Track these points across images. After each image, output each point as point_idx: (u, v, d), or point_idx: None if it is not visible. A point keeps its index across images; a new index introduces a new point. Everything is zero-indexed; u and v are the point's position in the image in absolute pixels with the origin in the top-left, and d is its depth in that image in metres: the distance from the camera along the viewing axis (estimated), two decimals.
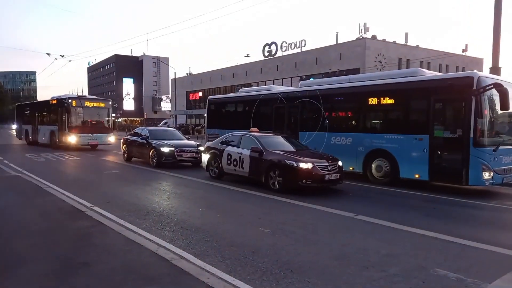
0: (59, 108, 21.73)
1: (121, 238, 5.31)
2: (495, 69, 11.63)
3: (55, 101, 22.67)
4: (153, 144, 14.37)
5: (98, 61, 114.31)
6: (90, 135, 21.09)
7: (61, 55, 29.30)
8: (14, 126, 49.27)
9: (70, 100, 20.96)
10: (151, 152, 14.42)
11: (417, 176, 10.11)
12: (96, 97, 24.26)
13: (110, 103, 23.16)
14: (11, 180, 10.33)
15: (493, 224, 7.00)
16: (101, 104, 22.45)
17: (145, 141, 15.00)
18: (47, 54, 29.14)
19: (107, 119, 22.44)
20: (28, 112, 27.46)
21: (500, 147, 9.29)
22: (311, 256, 4.94)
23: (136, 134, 16.26)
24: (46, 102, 24.38)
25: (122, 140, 17.31)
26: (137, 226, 6.09)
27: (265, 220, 6.77)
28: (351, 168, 11.65)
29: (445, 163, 9.67)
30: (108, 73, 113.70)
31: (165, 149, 13.87)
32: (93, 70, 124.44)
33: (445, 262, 4.72)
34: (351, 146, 11.80)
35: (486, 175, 9.05)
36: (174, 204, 8.04)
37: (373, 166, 11.23)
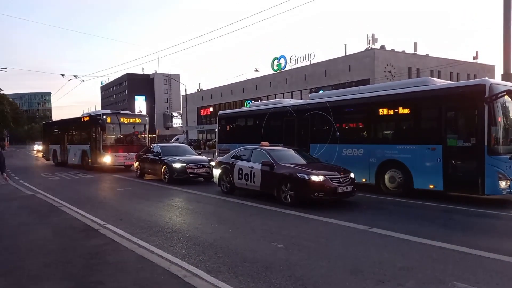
0: (92, 126, 20.12)
1: (133, 255, 5.32)
2: (507, 76, 11.49)
3: (87, 118, 21.18)
4: (165, 161, 14.48)
5: (110, 80, 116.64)
6: (127, 154, 19.28)
7: (74, 76, 29.98)
8: (36, 147, 48.82)
9: (104, 117, 19.36)
10: (163, 169, 14.52)
11: (431, 186, 9.94)
12: (131, 113, 22.86)
13: (146, 118, 21.54)
14: (26, 200, 10.48)
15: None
16: (138, 120, 20.87)
17: (157, 158, 15.13)
18: (61, 75, 29.98)
19: (144, 136, 20.84)
20: (56, 130, 26.05)
21: None
22: (325, 271, 4.86)
23: (148, 151, 16.41)
24: (77, 120, 22.91)
25: (134, 157, 17.48)
26: (150, 243, 6.10)
27: (278, 234, 6.71)
28: (363, 180, 11.52)
29: (460, 173, 9.50)
30: (120, 92, 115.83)
31: (177, 165, 13.95)
32: (106, 89, 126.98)
33: (463, 275, 4.60)
34: (363, 157, 11.70)
35: (503, 183, 8.84)
36: (186, 220, 8.04)
37: (386, 177, 11.09)
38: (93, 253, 5.49)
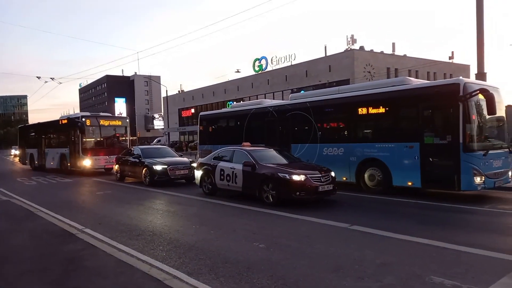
0: (71, 129, 19.57)
1: (112, 260, 5.22)
2: (481, 75, 11.82)
3: (65, 121, 20.59)
4: (146, 163, 14.30)
5: (89, 82, 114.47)
6: (107, 157, 18.75)
7: (51, 78, 29.16)
8: (13, 151, 46.76)
9: (84, 119, 18.89)
10: (143, 171, 14.33)
11: (409, 183, 10.14)
12: (111, 115, 22.40)
13: (127, 120, 21.15)
14: (1, 205, 10.15)
15: (487, 229, 7.00)
16: (118, 122, 20.50)
17: (138, 160, 14.92)
18: (37, 77, 29.07)
19: (124, 138, 20.45)
20: (33, 134, 25.24)
21: (490, 151, 9.36)
22: (306, 270, 4.88)
23: (129, 153, 16.15)
24: (55, 123, 22.25)
25: (114, 160, 17.18)
26: (129, 246, 6.00)
27: (260, 234, 6.71)
28: (344, 178, 11.65)
29: (437, 170, 9.72)
30: (99, 94, 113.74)
31: (158, 167, 13.79)
32: (84, 92, 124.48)
33: (440, 269, 4.70)
34: (343, 156, 11.84)
35: (478, 179, 9.09)
36: (167, 223, 7.95)
37: (366, 175, 11.25)
38: (71, 258, 5.36)
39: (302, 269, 4.91)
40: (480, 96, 9.24)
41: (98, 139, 19.63)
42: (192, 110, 64.99)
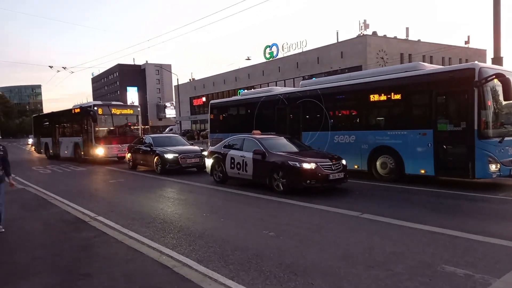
0: (84, 118, 19.78)
1: (123, 247, 5.29)
2: (497, 59, 11.49)
3: (78, 110, 20.79)
4: (157, 151, 14.40)
5: (101, 71, 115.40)
6: (120, 145, 18.91)
7: (63, 67, 29.52)
8: (30, 140, 47.41)
9: (96, 108, 18.96)
10: (155, 159, 14.45)
11: (422, 171, 9.99)
12: (123, 104, 22.35)
13: (139, 109, 21.16)
14: (16, 193, 10.37)
15: (501, 217, 6.87)
16: (130, 111, 20.54)
17: (149, 149, 15.03)
18: (50, 66, 29.41)
19: (136, 127, 20.53)
20: (47, 123, 25.59)
21: (506, 138, 9.14)
22: (315, 258, 4.87)
23: (140, 142, 16.28)
24: (68, 112, 22.39)
25: (126, 148, 17.36)
26: (140, 234, 6.07)
27: (270, 222, 6.71)
28: (356, 166, 11.55)
29: (451, 157, 9.54)
30: (112, 83, 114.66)
31: (169, 156, 13.88)
32: (97, 81, 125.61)
33: (452, 258, 4.63)
34: (355, 144, 11.71)
35: (493, 167, 8.90)
36: (178, 211, 8.02)
37: (377, 163, 11.12)
38: (83, 245, 5.45)
39: (311, 257, 4.90)
40: (496, 81, 8.97)
41: (111, 128, 19.77)
42: (203, 99, 65.05)
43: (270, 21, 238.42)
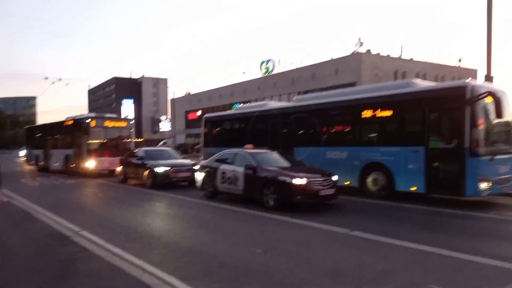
0: (76, 130, 19.39)
1: (106, 264, 5.13)
2: (489, 78, 11.61)
3: (70, 122, 20.40)
4: (148, 165, 14.25)
5: (98, 84, 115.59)
6: (111, 158, 18.35)
7: (58, 79, 29.40)
8: (22, 152, 46.11)
9: (88, 121, 18.78)
10: (146, 173, 14.29)
11: (413, 188, 9.93)
12: (116, 116, 22.15)
13: (132, 122, 21.00)
14: (0, 207, 10.16)
15: (492, 236, 6.80)
16: (123, 124, 20.41)
17: (141, 162, 14.87)
18: (45, 78, 29.33)
19: (129, 140, 20.20)
20: (39, 135, 25.09)
21: (497, 156, 9.13)
22: (304, 275, 4.76)
23: (132, 155, 16.12)
24: (60, 124, 22.02)
25: (117, 162, 17.17)
26: (125, 250, 5.89)
27: (259, 238, 6.59)
28: (347, 183, 11.46)
29: (442, 175, 9.51)
30: (108, 95, 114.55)
31: (160, 169, 13.74)
32: (93, 93, 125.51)
33: (442, 278, 4.54)
34: (347, 160, 11.66)
35: (484, 185, 8.87)
36: (166, 226, 7.87)
37: (369, 179, 11.06)
38: (65, 261, 5.28)
39: (299, 274, 4.79)
40: (487, 100, 9.03)
41: (103, 140, 19.52)
42: (199, 113, 64.95)
43: (266, 35, 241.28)
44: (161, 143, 62.29)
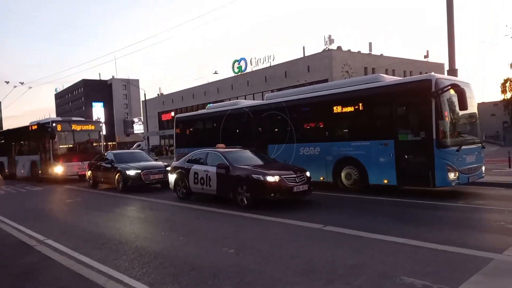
0: (41, 135, 18.77)
1: (69, 272, 4.87)
2: (452, 71, 11.92)
3: (35, 127, 19.80)
4: (119, 168, 13.83)
5: (65, 86, 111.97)
6: (80, 163, 17.89)
7: (20, 82, 28.19)
8: None
9: (54, 124, 18.09)
10: (116, 176, 13.87)
11: (385, 181, 10.07)
12: (84, 119, 21.73)
13: (101, 125, 20.66)
14: None
15: (460, 225, 6.92)
16: (91, 127, 19.78)
17: (110, 165, 14.43)
18: (6, 82, 28.05)
19: (98, 143, 19.76)
20: (3, 141, 24.08)
21: (463, 147, 9.36)
22: (275, 274, 4.66)
23: (102, 159, 15.62)
24: (25, 129, 21.29)
25: (86, 166, 16.61)
26: (90, 257, 5.63)
27: (231, 239, 6.46)
28: (322, 178, 11.52)
29: (412, 167, 9.66)
30: (76, 99, 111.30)
31: (131, 172, 13.36)
32: (60, 97, 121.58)
33: (412, 269, 4.55)
34: (320, 155, 11.70)
35: (452, 175, 9.08)
36: (136, 230, 7.61)
37: (342, 174, 11.14)
38: (24, 272, 4.99)
39: (271, 273, 4.69)
40: (452, 92, 9.23)
41: (70, 144, 18.90)
42: (172, 113, 64.02)
43: (236, 36, 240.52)
44: (135, 145, 61.07)
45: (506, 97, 47.41)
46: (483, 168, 10.40)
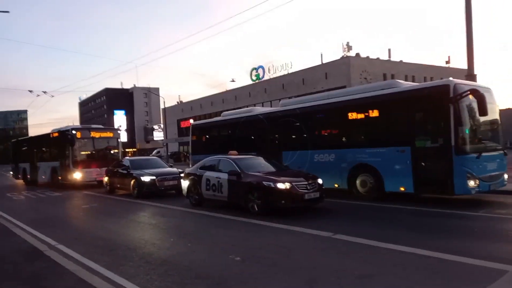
0: (62, 142, 19.24)
1: (74, 279, 4.87)
2: (471, 77, 11.53)
3: (56, 134, 20.28)
4: (134, 174, 13.98)
5: (89, 95, 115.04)
6: (99, 169, 18.19)
7: (43, 91, 29.07)
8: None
9: (74, 132, 18.62)
10: (132, 182, 14.01)
11: (402, 189, 9.77)
12: (102, 127, 22.00)
13: (119, 132, 20.93)
14: None
15: (478, 235, 6.61)
16: (109, 134, 20.20)
17: (126, 172, 14.60)
18: (29, 91, 29.03)
19: (116, 150, 20.03)
20: (26, 148, 24.90)
21: (483, 154, 9.00)
22: (280, 284, 4.55)
23: (119, 165, 15.84)
24: (46, 136, 21.90)
25: (104, 172, 16.88)
26: (98, 263, 5.64)
27: (239, 246, 6.37)
28: (336, 185, 11.30)
29: (429, 174, 9.35)
30: (99, 107, 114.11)
31: (146, 178, 13.47)
32: (84, 105, 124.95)
33: (421, 280, 4.37)
34: (335, 162, 11.49)
35: (472, 183, 8.72)
36: (146, 236, 7.61)
37: (357, 181, 10.89)
38: (30, 277, 5.03)
39: (275, 283, 4.58)
40: (471, 97, 8.92)
41: (89, 151, 19.31)
42: (191, 121, 64.70)
43: (254, 41, 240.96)
44: (154, 152, 61.92)
45: None
46: (506, 175, 9.97)
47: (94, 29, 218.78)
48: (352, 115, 11.25)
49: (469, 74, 11.59)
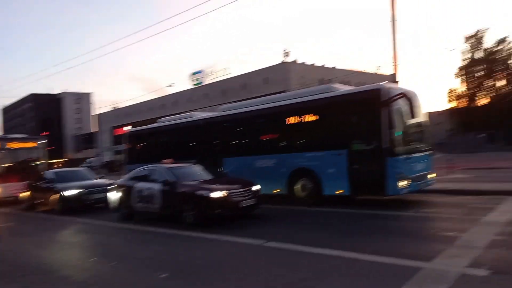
0: None
1: None
2: (395, 83, 12.16)
3: None
4: (57, 188, 12.67)
5: (13, 101, 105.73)
6: (19, 184, 15.87)
7: None
8: None
9: None
10: (55, 197, 12.68)
11: (339, 192, 9.81)
12: (23, 136, 20.04)
13: (43, 141, 18.82)
14: None
15: (404, 234, 6.77)
16: (32, 144, 18.24)
17: (50, 185, 13.23)
18: None
19: (40, 162, 18.03)
20: None
21: (413, 155, 9.37)
22: None
23: (41, 178, 14.33)
24: None
25: (25, 186, 15.17)
26: None
27: (167, 262, 5.89)
28: (278, 190, 11.10)
29: (364, 176, 9.49)
30: (25, 114, 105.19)
31: (69, 193, 12.25)
32: (8, 112, 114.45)
33: (345, 284, 4.36)
34: (275, 167, 11.30)
35: (402, 183, 9.00)
36: (65, 257, 6.80)
37: (297, 186, 10.80)
38: None
39: None
40: (401, 101, 9.22)
41: (7, 164, 17.24)
42: (126, 128, 61.96)
43: (191, 48, 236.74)
44: (85, 162, 58.09)
45: (452, 105, 49.88)
46: (433, 175, 10.47)
47: (22, 29, 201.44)
48: (291, 120, 11.18)
49: (393, 81, 12.17)
